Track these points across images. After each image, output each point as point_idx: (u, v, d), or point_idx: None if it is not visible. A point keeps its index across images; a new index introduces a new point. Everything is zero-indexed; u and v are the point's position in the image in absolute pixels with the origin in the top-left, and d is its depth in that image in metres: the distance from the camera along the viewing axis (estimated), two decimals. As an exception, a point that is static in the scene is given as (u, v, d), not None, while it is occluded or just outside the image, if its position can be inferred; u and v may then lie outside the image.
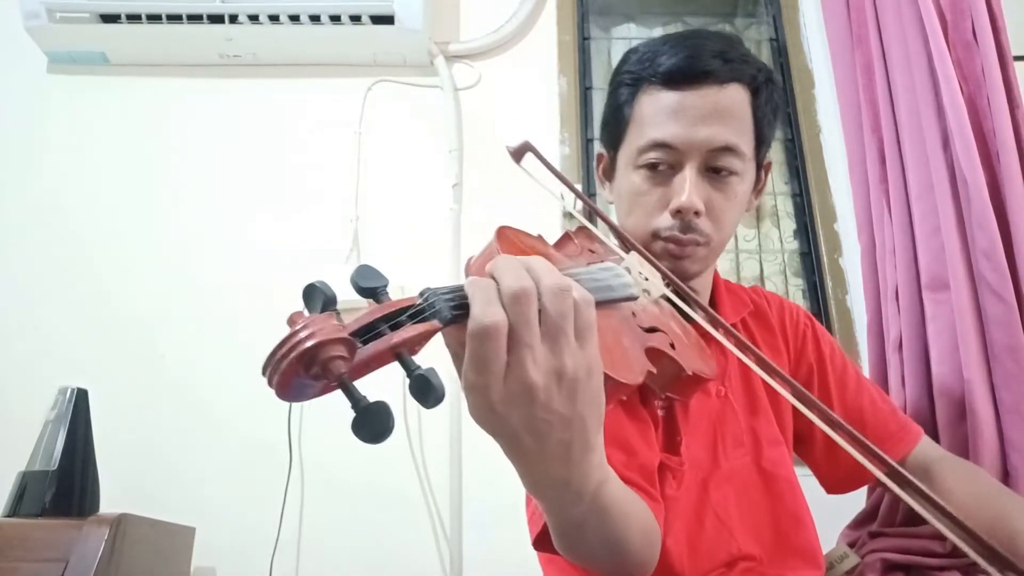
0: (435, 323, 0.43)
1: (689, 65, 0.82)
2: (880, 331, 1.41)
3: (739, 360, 0.93)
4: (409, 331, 0.42)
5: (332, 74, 1.92)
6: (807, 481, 0.95)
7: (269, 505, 1.55)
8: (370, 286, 0.44)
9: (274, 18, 1.80)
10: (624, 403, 0.79)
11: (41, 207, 1.81)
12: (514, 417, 0.45)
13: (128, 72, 1.92)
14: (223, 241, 1.77)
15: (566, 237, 0.83)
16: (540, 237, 0.75)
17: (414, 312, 0.43)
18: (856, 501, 1.33)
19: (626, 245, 0.78)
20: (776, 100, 0.88)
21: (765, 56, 2.12)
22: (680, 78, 0.82)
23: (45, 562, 1.06)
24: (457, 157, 1.84)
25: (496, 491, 1.50)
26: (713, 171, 0.83)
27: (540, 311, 0.45)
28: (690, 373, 0.72)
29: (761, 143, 0.87)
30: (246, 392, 1.57)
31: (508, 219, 0.78)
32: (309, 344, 0.38)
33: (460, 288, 0.45)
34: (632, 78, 0.86)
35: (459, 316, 0.44)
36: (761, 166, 0.91)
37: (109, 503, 1.26)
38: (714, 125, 0.81)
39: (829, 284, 1.81)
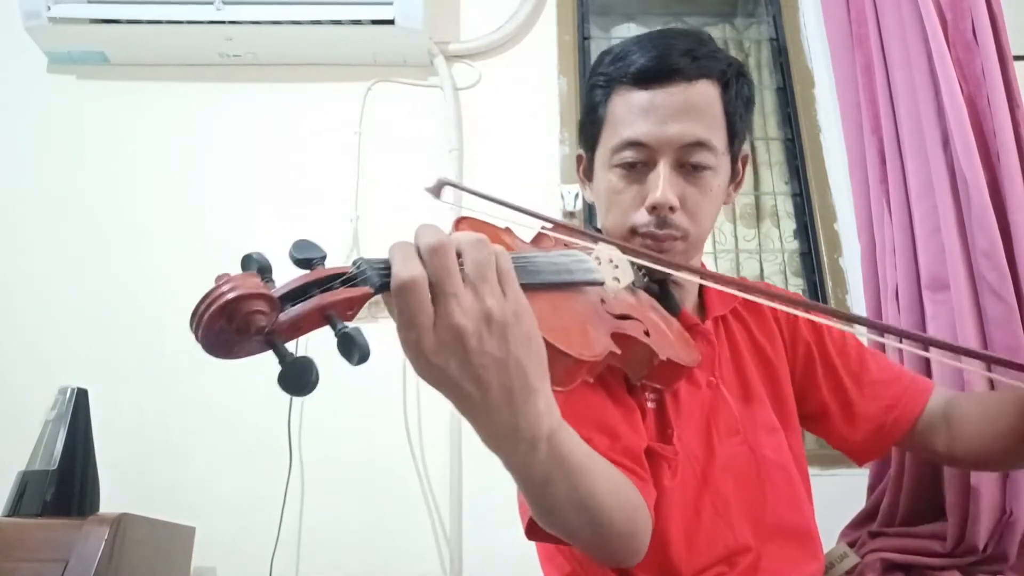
0: (367, 288, 0.46)
1: (657, 64, 0.84)
2: (880, 331, 1.41)
3: (730, 349, 0.94)
4: (339, 294, 0.45)
5: (332, 74, 1.92)
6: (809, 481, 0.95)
7: (269, 505, 1.55)
8: (305, 256, 0.46)
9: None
10: (609, 390, 0.79)
11: (41, 207, 1.80)
12: (451, 365, 0.48)
13: (128, 72, 1.92)
14: (223, 240, 1.77)
15: (540, 235, 0.85)
16: (508, 229, 0.77)
17: (347, 278, 0.46)
18: (856, 501, 1.33)
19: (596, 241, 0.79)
20: (747, 93, 0.90)
21: (765, 56, 2.12)
22: (650, 77, 0.84)
23: (45, 562, 1.06)
24: (457, 157, 1.84)
25: (496, 491, 1.51)
26: (687, 166, 0.85)
27: (461, 262, 0.48)
28: (663, 359, 0.73)
29: (734, 136, 0.89)
30: (247, 392, 1.57)
31: (506, 219, 0.78)
32: (229, 297, 0.40)
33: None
34: (605, 79, 0.89)
35: (388, 284, 0.47)
36: (737, 159, 0.93)
37: (109, 503, 1.26)
38: (685, 121, 0.83)
39: (829, 284, 1.81)
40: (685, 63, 0.84)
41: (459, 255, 0.48)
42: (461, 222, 0.69)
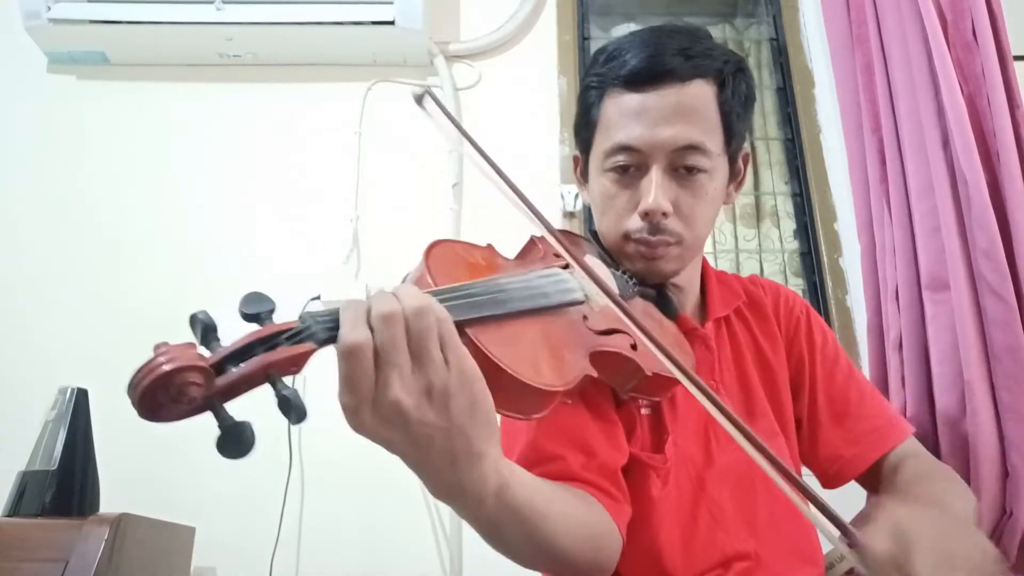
0: (310, 344, 0.46)
1: (649, 66, 0.81)
2: (880, 331, 1.41)
3: (731, 353, 0.92)
4: (282, 353, 0.45)
5: (332, 74, 1.92)
6: (809, 482, 0.95)
7: (269, 504, 1.54)
8: (253, 311, 0.47)
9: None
10: (593, 404, 0.78)
11: (41, 207, 1.80)
12: (392, 434, 0.48)
13: (128, 72, 1.92)
14: (223, 240, 1.77)
15: (531, 243, 0.84)
16: (489, 246, 0.75)
17: (291, 334, 0.46)
18: (856, 501, 1.33)
19: (552, 233, 0.76)
20: (745, 91, 0.87)
21: (765, 56, 2.12)
22: (641, 79, 0.82)
23: (45, 562, 1.06)
24: (457, 157, 1.84)
25: (496, 491, 1.50)
26: (680, 170, 0.83)
27: (407, 332, 0.47)
28: (649, 374, 0.71)
29: (732, 136, 0.86)
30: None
31: (507, 220, 0.78)
32: (165, 370, 0.41)
33: (337, 312, 0.48)
34: (598, 80, 0.87)
35: (333, 338, 0.47)
36: (736, 158, 0.90)
37: (109, 503, 1.26)
38: (677, 124, 0.81)
39: (829, 284, 1.81)
40: (678, 63, 0.81)
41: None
42: (434, 247, 0.66)
